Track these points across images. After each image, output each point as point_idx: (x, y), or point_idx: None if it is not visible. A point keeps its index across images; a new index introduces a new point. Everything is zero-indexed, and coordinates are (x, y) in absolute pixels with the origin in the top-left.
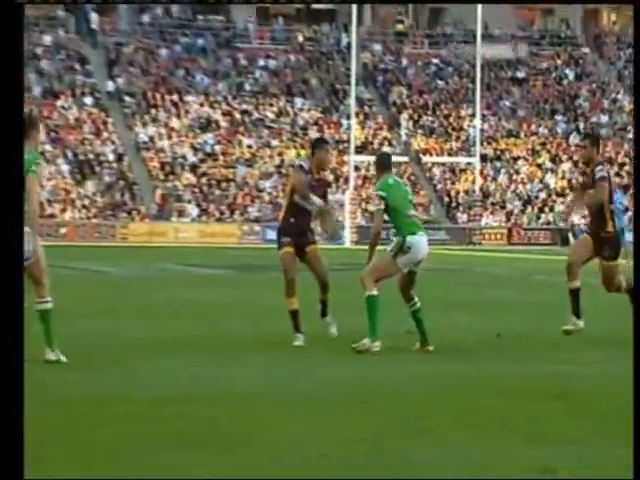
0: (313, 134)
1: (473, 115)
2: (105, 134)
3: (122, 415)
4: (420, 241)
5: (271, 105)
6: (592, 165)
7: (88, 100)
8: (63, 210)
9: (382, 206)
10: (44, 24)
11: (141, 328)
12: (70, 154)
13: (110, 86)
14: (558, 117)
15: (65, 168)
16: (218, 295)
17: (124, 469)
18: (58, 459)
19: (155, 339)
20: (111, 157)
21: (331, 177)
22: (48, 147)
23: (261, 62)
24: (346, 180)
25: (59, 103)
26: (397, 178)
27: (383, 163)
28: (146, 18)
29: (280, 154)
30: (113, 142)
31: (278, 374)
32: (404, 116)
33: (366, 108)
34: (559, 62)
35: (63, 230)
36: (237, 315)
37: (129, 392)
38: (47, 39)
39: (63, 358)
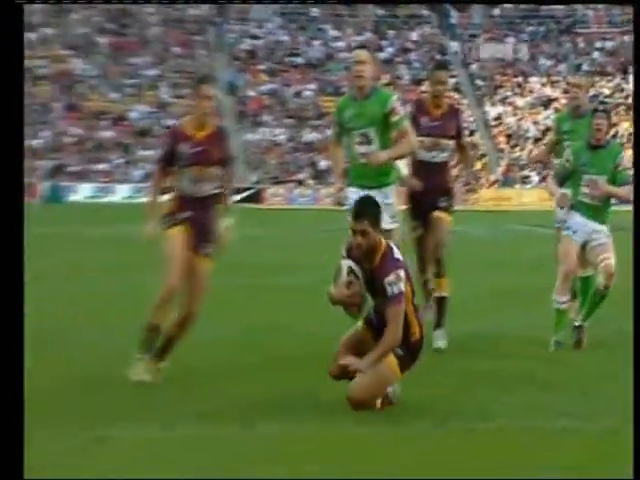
0: None
1: None
2: None
3: None
4: None
5: (608, 82)
6: None
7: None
8: None
9: None
10: (412, 22)
11: (492, 281)
12: None
13: (463, 73)
14: None
15: None
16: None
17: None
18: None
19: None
20: (465, 132)
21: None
22: None
23: (598, 44)
24: None
25: (421, 89)
26: None
27: None
28: (496, 11)
29: (614, 125)
30: (466, 120)
31: None
32: None
33: None
34: None
35: None
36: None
37: None
38: (414, 35)
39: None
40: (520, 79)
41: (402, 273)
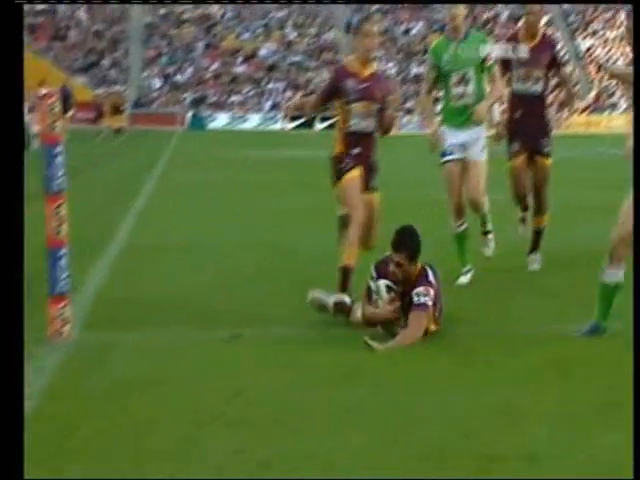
0: None
1: None
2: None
3: None
4: None
5: None
6: None
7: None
8: None
9: None
10: None
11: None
12: None
13: (556, 9)
14: None
15: None
16: None
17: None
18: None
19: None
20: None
21: None
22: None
23: None
24: None
25: (518, 25)
26: None
27: None
28: None
29: None
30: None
31: None
32: None
33: None
34: None
35: None
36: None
37: None
38: None
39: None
40: (610, 14)
41: (432, 292)
